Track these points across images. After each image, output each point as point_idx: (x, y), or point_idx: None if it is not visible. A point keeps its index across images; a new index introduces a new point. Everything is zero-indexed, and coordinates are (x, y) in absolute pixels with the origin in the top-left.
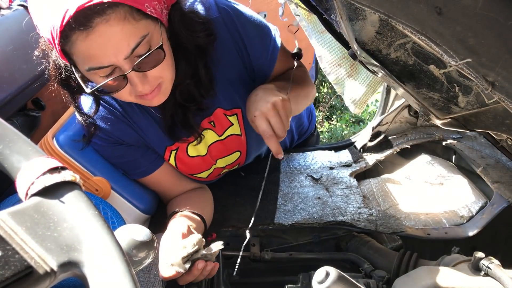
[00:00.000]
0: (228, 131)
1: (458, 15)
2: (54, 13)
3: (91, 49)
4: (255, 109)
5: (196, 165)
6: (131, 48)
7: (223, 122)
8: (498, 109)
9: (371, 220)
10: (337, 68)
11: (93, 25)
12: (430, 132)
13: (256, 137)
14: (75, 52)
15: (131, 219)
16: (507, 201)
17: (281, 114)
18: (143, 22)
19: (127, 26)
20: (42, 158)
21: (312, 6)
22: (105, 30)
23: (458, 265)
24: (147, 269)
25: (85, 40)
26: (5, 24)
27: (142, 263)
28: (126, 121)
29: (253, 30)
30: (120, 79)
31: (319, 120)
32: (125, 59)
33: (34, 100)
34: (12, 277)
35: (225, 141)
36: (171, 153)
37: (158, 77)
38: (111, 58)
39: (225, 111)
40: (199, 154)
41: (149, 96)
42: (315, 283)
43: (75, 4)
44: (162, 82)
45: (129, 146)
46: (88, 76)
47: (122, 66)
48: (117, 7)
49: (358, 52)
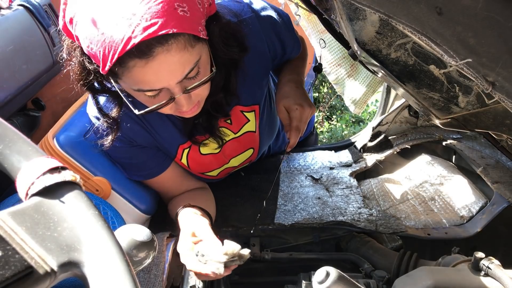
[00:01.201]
0: (244, 128)
1: (459, 15)
2: (115, 33)
3: (146, 75)
4: (290, 104)
5: (208, 163)
6: (185, 74)
7: (240, 119)
8: (498, 109)
9: (371, 220)
10: (337, 68)
11: (154, 54)
12: (430, 132)
13: (268, 132)
14: (128, 75)
15: (131, 219)
16: (507, 201)
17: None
18: (197, 46)
19: (185, 53)
20: (42, 158)
21: (312, 6)
22: (165, 59)
23: (458, 265)
24: (147, 269)
25: (143, 67)
26: (5, 24)
27: (142, 263)
28: (139, 121)
29: (283, 22)
30: (168, 99)
31: (319, 120)
32: (178, 83)
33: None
34: (12, 277)
35: (241, 138)
36: (183, 151)
37: (200, 95)
38: (164, 83)
39: (243, 107)
40: (212, 152)
41: (188, 112)
42: (315, 283)
43: (142, 34)
44: (201, 99)
45: (141, 148)
46: (132, 92)
47: (173, 89)
48: (178, 36)
49: (358, 52)
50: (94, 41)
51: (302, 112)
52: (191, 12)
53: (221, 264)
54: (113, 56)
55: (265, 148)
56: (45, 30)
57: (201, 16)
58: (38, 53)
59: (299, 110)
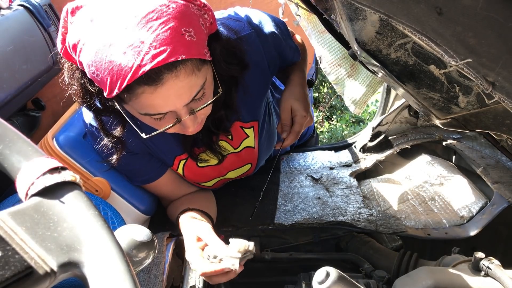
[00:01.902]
0: (244, 143)
1: (459, 15)
2: (124, 61)
3: (155, 100)
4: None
5: (204, 175)
6: (192, 97)
7: (239, 135)
8: (499, 109)
9: (371, 220)
10: (337, 68)
11: (164, 81)
12: (430, 132)
13: (266, 147)
14: (135, 101)
15: (131, 219)
16: (507, 201)
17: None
18: (203, 69)
19: (193, 78)
20: (42, 158)
21: (312, 6)
22: (173, 85)
23: (458, 265)
24: (147, 270)
25: (151, 94)
26: (5, 24)
27: (142, 263)
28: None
29: (283, 36)
30: (174, 120)
31: (319, 120)
32: (184, 106)
33: (34, 100)
34: (12, 277)
35: (240, 154)
36: (180, 162)
37: (204, 114)
38: (172, 107)
39: (243, 123)
40: (210, 164)
41: (191, 130)
42: (315, 283)
43: (151, 62)
44: (203, 118)
45: (135, 155)
46: (138, 116)
47: (179, 111)
48: (187, 62)
49: (358, 52)
50: (101, 68)
51: (306, 121)
52: (197, 36)
53: (236, 260)
54: (121, 84)
55: (262, 163)
56: (45, 30)
57: (205, 38)
58: (38, 53)
59: (305, 118)
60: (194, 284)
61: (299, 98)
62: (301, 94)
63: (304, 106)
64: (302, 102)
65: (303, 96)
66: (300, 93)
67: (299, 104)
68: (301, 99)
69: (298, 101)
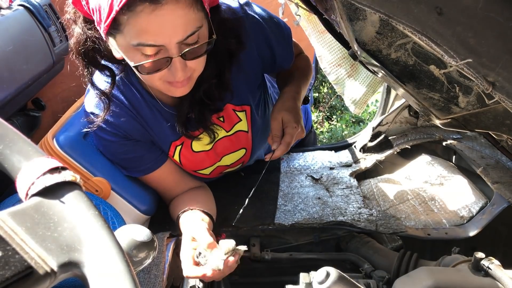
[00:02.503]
0: (236, 127)
1: (459, 15)
2: None
3: (151, 24)
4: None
5: (200, 161)
6: (186, 35)
7: (232, 118)
8: (499, 109)
9: (371, 220)
10: (337, 68)
11: (163, 2)
12: (430, 132)
13: (261, 134)
14: (132, 23)
15: (131, 219)
16: (507, 201)
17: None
18: (200, 14)
19: (190, 13)
20: (43, 158)
21: (312, 6)
22: (173, 10)
23: (458, 266)
24: (147, 270)
25: (150, 14)
26: (5, 24)
27: (143, 263)
28: (133, 115)
29: (277, 31)
30: (164, 61)
31: (319, 120)
32: (177, 43)
33: (34, 100)
34: (12, 277)
35: (232, 137)
36: (175, 148)
37: (193, 68)
38: (166, 38)
39: (234, 106)
40: (204, 149)
41: (178, 84)
42: (315, 283)
43: None
44: (193, 74)
45: (136, 142)
46: (130, 50)
47: (171, 49)
48: None
49: (358, 52)
50: None
51: (297, 132)
52: None
53: (221, 261)
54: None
55: (258, 151)
56: (45, 30)
57: None
58: (38, 53)
59: (296, 129)
60: (194, 284)
61: (290, 110)
62: (293, 106)
63: (295, 117)
64: (293, 114)
65: (295, 108)
66: (292, 106)
67: (290, 115)
68: (293, 111)
69: (289, 112)
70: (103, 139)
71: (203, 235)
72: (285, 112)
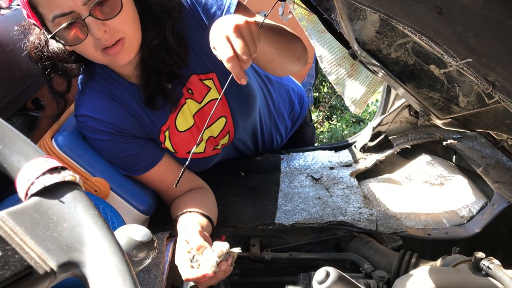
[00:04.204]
0: (208, 97)
1: (459, 14)
2: None
3: None
4: (216, 33)
5: (188, 139)
6: None
7: (200, 88)
8: (499, 109)
9: (372, 220)
10: (338, 68)
11: None
12: (430, 132)
13: (239, 98)
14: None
15: (130, 219)
16: (507, 201)
17: (244, 35)
18: None
19: None
20: (42, 158)
21: (312, 6)
22: None
23: (459, 265)
24: (147, 270)
25: None
26: (5, 24)
27: (142, 263)
28: (122, 106)
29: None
30: (81, 25)
31: (319, 120)
32: (84, 5)
33: (34, 100)
34: (12, 277)
35: (206, 108)
36: (165, 134)
37: (118, 30)
38: (70, 2)
39: (199, 75)
40: (188, 127)
41: (112, 50)
42: (315, 283)
43: None
44: (125, 37)
45: (131, 139)
46: (54, 29)
47: (81, 12)
48: None
49: (359, 52)
50: None
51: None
52: None
53: (214, 265)
54: None
55: (242, 117)
56: None
57: None
58: None
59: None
60: (194, 284)
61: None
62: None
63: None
64: (212, 31)
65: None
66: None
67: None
68: (212, 30)
69: (210, 38)
70: (98, 141)
71: (194, 237)
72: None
